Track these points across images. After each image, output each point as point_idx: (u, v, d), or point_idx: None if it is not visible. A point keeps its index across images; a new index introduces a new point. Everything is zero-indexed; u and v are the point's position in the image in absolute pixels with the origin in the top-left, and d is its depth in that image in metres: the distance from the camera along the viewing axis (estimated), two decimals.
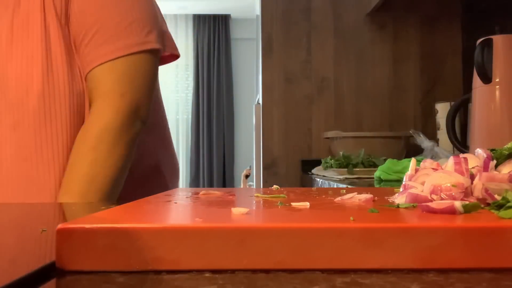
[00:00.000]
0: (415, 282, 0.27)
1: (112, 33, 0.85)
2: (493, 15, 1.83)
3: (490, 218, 0.33)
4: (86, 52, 0.85)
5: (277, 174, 2.19)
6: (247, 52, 5.60)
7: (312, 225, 0.31)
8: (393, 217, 0.35)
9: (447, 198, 0.38)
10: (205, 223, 0.32)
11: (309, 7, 2.21)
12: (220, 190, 0.57)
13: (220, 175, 5.78)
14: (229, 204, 0.44)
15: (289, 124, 2.19)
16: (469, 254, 0.30)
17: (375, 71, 2.20)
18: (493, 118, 1.22)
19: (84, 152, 0.83)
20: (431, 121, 2.07)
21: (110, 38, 0.85)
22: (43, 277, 0.29)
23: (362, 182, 1.29)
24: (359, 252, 0.30)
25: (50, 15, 0.84)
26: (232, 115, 5.86)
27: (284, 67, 2.20)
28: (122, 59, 0.85)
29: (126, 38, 0.85)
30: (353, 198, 0.45)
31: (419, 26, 2.19)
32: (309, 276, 0.29)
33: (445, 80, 2.18)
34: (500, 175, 0.39)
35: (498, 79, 1.22)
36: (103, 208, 0.50)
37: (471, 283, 0.27)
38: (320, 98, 2.20)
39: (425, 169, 0.43)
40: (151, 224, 0.31)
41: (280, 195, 0.50)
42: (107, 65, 0.85)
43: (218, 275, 0.29)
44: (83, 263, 0.30)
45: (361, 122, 2.19)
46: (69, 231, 0.31)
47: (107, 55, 0.84)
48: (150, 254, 0.30)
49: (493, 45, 1.22)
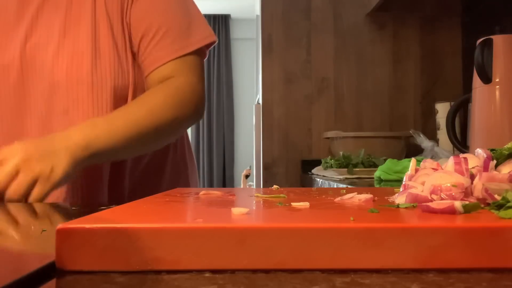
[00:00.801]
0: (415, 282, 0.27)
1: (178, 32, 0.96)
2: (493, 15, 1.83)
3: (490, 218, 0.33)
4: (154, 50, 0.95)
5: (277, 174, 2.19)
6: (247, 52, 5.60)
7: (312, 225, 0.31)
8: (393, 217, 0.35)
9: (447, 198, 0.38)
10: (205, 223, 0.32)
11: (309, 7, 2.21)
12: (220, 190, 0.57)
13: (220, 175, 5.78)
14: (229, 204, 0.44)
15: (289, 124, 2.19)
16: (469, 254, 0.30)
17: (375, 71, 2.20)
18: (493, 118, 1.22)
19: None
20: (431, 121, 2.07)
21: (178, 36, 0.96)
22: (43, 277, 0.29)
23: (362, 182, 1.29)
24: (359, 252, 0.30)
25: (101, 16, 0.94)
26: (232, 115, 5.87)
27: (284, 67, 2.20)
28: (191, 56, 0.97)
29: (191, 36, 0.97)
30: (353, 198, 0.45)
31: (419, 26, 2.19)
32: (309, 276, 0.29)
33: (445, 80, 2.19)
34: (500, 175, 0.39)
35: (498, 79, 1.22)
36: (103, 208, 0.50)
37: (471, 283, 0.27)
38: (320, 98, 2.20)
39: (425, 169, 0.43)
40: (151, 224, 0.31)
41: (280, 195, 0.50)
42: (179, 60, 0.95)
43: (218, 275, 0.29)
44: (83, 263, 0.30)
45: (361, 122, 2.19)
46: (69, 231, 0.31)
47: (178, 51, 0.95)
48: (150, 254, 0.30)
49: (493, 45, 1.22)
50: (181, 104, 0.92)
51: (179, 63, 0.95)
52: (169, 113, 0.90)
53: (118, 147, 0.84)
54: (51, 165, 0.76)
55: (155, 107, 0.89)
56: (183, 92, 0.93)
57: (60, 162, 0.77)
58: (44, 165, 0.75)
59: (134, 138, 0.86)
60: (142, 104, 0.90)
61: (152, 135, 0.89)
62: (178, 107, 0.92)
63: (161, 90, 0.92)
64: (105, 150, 0.82)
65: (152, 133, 0.88)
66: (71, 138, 0.80)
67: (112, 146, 0.83)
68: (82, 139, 0.80)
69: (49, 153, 0.77)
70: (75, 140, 0.80)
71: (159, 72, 0.95)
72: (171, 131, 0.93)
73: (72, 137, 0.80)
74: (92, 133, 0.82)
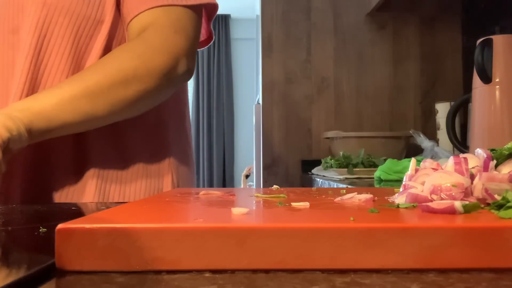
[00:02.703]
0: (415, 282, 0.27)
1: None
2: (493, 15, 1.83)
3: (490, 218, 0.33)
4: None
5: (277, 174, 2.19)
6: (247, 52, 5.60)
7: (312, 225, 0.31)
8: (393, 217, 0.35)
9: (447, 198, 0.38)
10: (205, 223, 0.32)
11: (309, 7, 2.21)
12: (220, 190, 0.57)
13: (220, 175, 5.78)
14: (229, 204, 0.44)
15: (289, 124, 2.19)
16: (469, 254, 0.30)
17: (375, 71, 2.20)
18: (493, 118, 1.22)
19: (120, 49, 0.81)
20: (431, 121, 2.08)
21: None
22: (43, 277, 0.29)
23: (362, 182, 1.29)
24: (359, 252, 0.30)
25: None
26: (232, 115, 5.86)
27: (284, 67, 2.20)
28: (177, 7, 0.85)
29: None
30: (353, 198, 0.45)
31: (419, 26, 2.19)
32: (309, 276, 0.29)
33: (445, 80, 2.19)
34: (500, 175, 0.39)
35: (498, 79, 1.22)
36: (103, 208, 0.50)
37: (471, 283, 0.27)
38: (320, 98, 2.20)
39: (425, 169, 0.43)
40: (151, 224, 0.31)
41: (280, 195, 0.50)
42: (162, 8, 0.84)
43: (218, 275, 0.29)
44: (83, 263, 0.30)
45: (361, 122, 2.19)
46: (69, 231, 0.31)
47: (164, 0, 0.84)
48: (150, 254, 0.30)
49: (493, 45, 1.22)
50: (147, 53, 0.79)
51: (160, 12, 0.84)
52: (128, 64, 0.78)
53: (66, 109, 0.73)
54: None
55: (110, 60, 0.78)
56: (151, 41, 0.81)
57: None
58: None
59: (83, 96, 0.74)
60: (96, 62, 0.80)
61: (109, 92, 0.76)
62: (143, 56, 0.79)
63: (123, 45, 0.83)
64: (50, 111, 0.72)
65: (108, 89, 0.76)
66: (11, 105, 0.73)
67: (57, 107, 0.73)
68: (21, 103, 0.72)
69: None
70: (14, 105, 0.72)
71: (138, 21, 0.84)
72: (139, 87, 0.78)
73: (13, 104, 0.73)
74: (31, 97, 0.74)
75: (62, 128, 0.76)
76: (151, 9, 0.84)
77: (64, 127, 0.76)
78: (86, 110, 0.75)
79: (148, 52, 0.80)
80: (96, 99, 0.75)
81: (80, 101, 0.74)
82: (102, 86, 0.75)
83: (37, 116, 0.71)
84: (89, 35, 0.85)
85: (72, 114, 0.74)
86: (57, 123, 0.74)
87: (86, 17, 0.84)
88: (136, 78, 0.77)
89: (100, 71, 0.76)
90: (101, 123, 0.80)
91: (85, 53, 0.85)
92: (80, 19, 0.83)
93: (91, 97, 0.75)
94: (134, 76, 0.77)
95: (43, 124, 0.72)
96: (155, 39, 0.81)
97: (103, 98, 0.76)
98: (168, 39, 0.82)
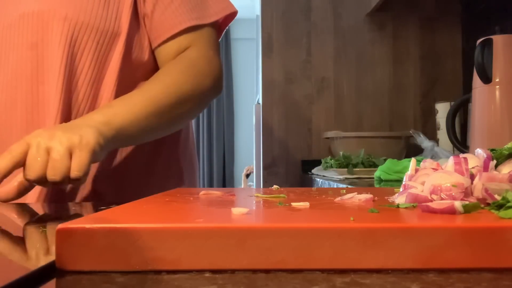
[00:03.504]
0: (415, 282, 0.27)
1: (196, 1, 0.93)
2: (493, 15, 1.83)
3: (490, 218, 0.33)
4: (171, 15, 0.91)
5: (277, 174, 2.19)
6: (247, 52, 5.60)
7: (312, 225, 0.31)
8: (393, 217, 0.35)
9: (447, 198, 0.38)
10: (205, 223, 0.32)
11: (309, 7, 2.21)
12: (220, 190, 0.57)
13: (220, 175, 5.78)
14: (229, 204, 0.44)
15: (289, 124, 2.19)
16: (469, 254, 0.30)
17: (375, 71, 2.20)
18: (493, 118, 1.22)
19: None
20: (431, 121, 2.07)
21: (196, 6, 0.93)
22: (43, 277, 0.29)
23: (362, 182, 1.29)
24: (359, 252, 0.30)
25: None
26: (232, 115, 5.86)
27: (284, 67, 2.20)
28: (208, 28, 0.94)
29: (209, 7, 0.94)
30: (353, 198, 0.45)
31: (419, 26, 2.19)
32: (309, 276, 0.29)
33: (445, 80, 2.19)
34: (500, 175, 0.39)
35: (498, 79, 1.22)
36: (102, 208, 0.50)
37: (471, 283, 0.27)
38: (320, 98, 2.20)
39: (425, 169, 0.43)
40: (151, 224, 0.31)
41: (280, 195, 0.50)
42: (195, 32, 0.93)
43: (218, 275, 0.29)
44: (83, 263, 0.30)
45: (361, 122, 2.19)
46: (69, 231, 0.31)
47: (196, 20, 0.92)
48: (150, 254, 0.30)
49: (493, 45, 1.22)
50: (198, 76, 0.89)
51: (195, 35, 0.92)
52: (186, 86, 0.87)
53: (139, 125, 0.80)
54: (79, 135, 0.70)
55: (171, 81, 0.86)
56: (199, 64, 0.90)
57: (87, 132, 0.71)
58: (71, 135, 0.70)
59: (153, 114, 0.81)
60: (157, 80, 0.87)
61: (171, 111, 0.85)
62: (195, 79, 0.89)
63: (176, 64, 0.90)
64: (126, 127, 0.78)
65: (171, 108, 0.84)
66: (90, 118, 0.76)
67: (132, 123, 0.79)
68: (101, 116, 0.76)
69: (73, 127, 0.72)
70: (95, 118, 0.76)
71: (174, 44, 0.92)
72: (191, 106, 0.89)
73: (92, 117, 0.76)
74: (109, 111, 0.78)
75: (129, 143, 0.86)
76: (186, 28, 0.91)
77: (131, 142, 0.87)
78: (153, 127, 0.83)
79: (199, 75, 0.90)
80: (161, 117, 0.84)
81: (152, 119, 0.82)
82: (166, 106, 0.83)
83: (117, 132, 0.77)
84: (107, 48, 0.88)
85: (142, 131, 0.82)
86: (130, 141, 0.84)
87: (105, 31, 0.87)
88: (189, 99, 0.87)
89: (164, 91, 0.84)
90: (155, 137, 0.90)
91: (104, 65, 0.88)
92: (99, 33, 0.87)
93: (160, 116, 0.83)
94: (188, 98, 0.87)
95: (119, 142, 0.80)
96: (203, 64, 0.91)
97: (166, 116, 0.84)
98: (211, 62, 0.92)
